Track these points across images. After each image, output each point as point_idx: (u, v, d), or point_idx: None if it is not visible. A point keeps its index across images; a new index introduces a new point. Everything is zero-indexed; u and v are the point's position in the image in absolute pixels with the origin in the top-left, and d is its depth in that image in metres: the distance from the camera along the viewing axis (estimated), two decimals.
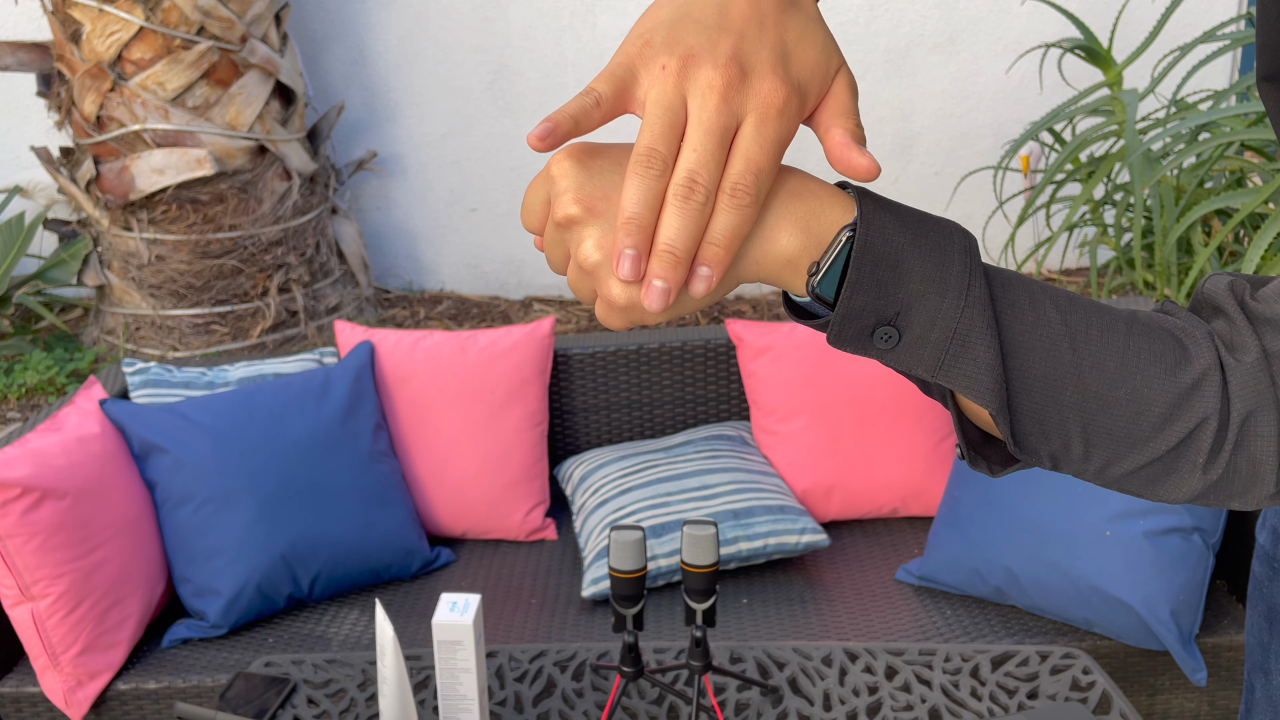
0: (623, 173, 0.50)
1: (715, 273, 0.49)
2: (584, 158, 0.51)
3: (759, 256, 0.51)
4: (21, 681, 1.79)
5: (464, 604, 1.27)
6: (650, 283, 0.49)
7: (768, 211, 0.51)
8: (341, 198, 4.25)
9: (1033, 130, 2.93)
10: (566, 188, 0.50)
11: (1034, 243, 4.13)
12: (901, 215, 0.50)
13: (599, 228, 0.50)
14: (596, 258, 0.50)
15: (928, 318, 0.50)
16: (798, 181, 0.52)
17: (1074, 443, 0.53)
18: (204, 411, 1.96)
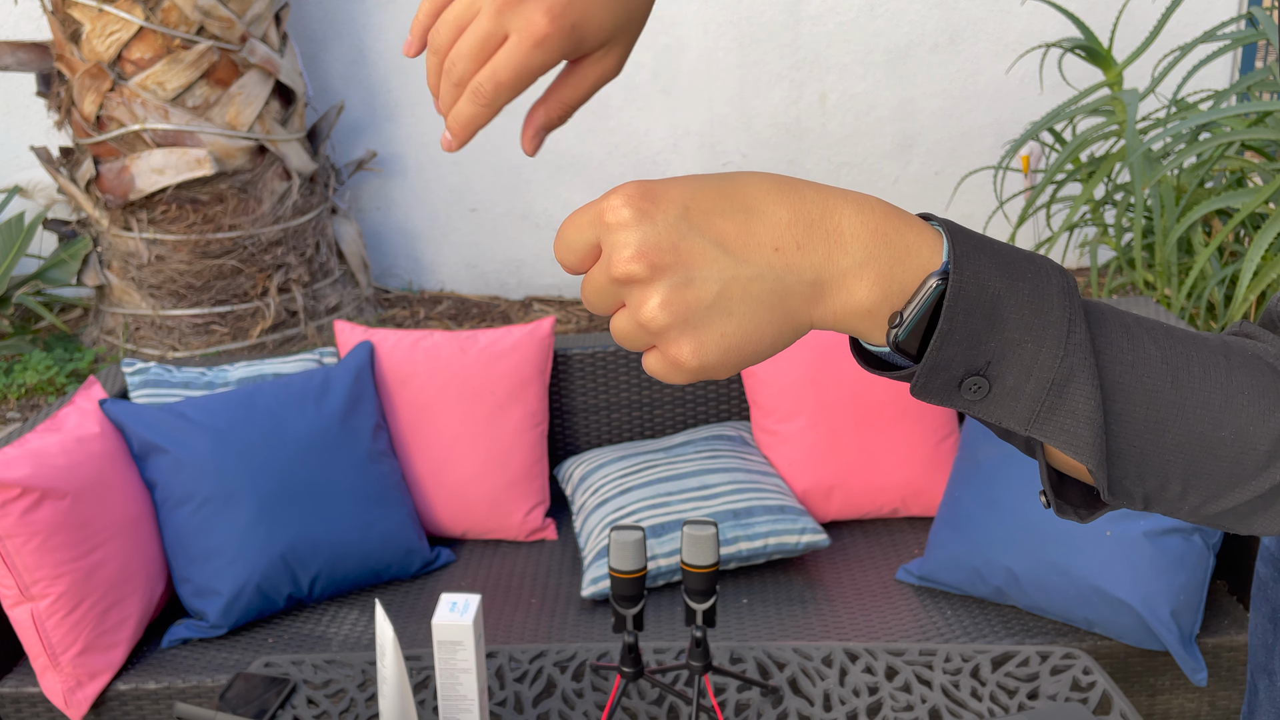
0: (691, 222, 0.46)
1: (455, 139, 0.56)
2: (645, 206, 0.46)
3: (835, 309, 0.47)
4: (21, 682, 1.79)
5: (464, 604, 1.27)
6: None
7: (847, 254, 0.47)
8: (341, 198, 4.25)
9: (1033, 130, 2.93)
10: (626, 241, 0.46)
11: (1034, 243, 4.13)
12: (996, 255, 0.46)
13: (667, 285, 0.46)
14: (664, 320, 0.46)
15: (1023, 368, 0.47)
16: (877, 219, 0.47)
17: (1172, 484, 0.50)
18: (204, 411, 1.96)
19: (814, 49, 4.07)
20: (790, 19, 4.04)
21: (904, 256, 0.47)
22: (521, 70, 0.51)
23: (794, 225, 0.47)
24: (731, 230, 0.46)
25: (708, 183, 0.48)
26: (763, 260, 0.46)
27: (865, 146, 4.18)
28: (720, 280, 0.46)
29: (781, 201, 0.47)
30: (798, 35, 4.06)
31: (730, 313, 0.46)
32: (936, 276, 0.46)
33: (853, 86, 4.11)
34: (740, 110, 4.15)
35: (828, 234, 0.47)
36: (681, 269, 0.46)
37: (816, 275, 0.47)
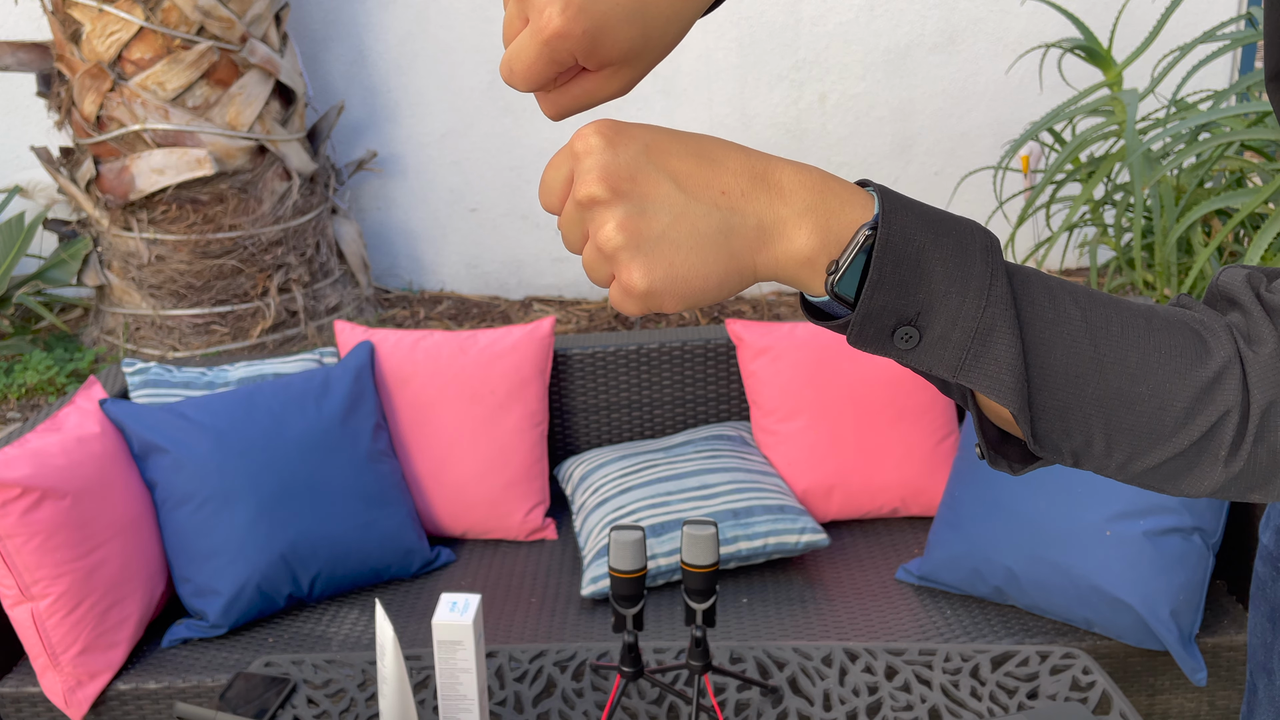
0: (650, 157, 0.50)
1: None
2: (611, 135, 0.51)
3: (778, 255, 0.51)
4: (21, 681, 1.79)
5: (464, 604, 1.27)
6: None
7: (787, 204, 0.51)
8: (341, 198, 4.26)
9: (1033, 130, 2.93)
10: (591, 166, 0.50)
11: (1034, 243, 4.13)
12: (923, 214, 0.50)
13: (623, 210, 0.50)
14: (618, 241, 0.50)
15: (949, 317, 0.50)
16: (815, 178, 0.51)
17: (1096, 439, 0.53)
18: (204, 411, 1.96)
19: (814, 49, 4.07)
20: (790, 19, 4.04)
21: (839, 210, 0.50)
22: (530, 65, 0.51)
23: (740, 174, 0.51)
24: (685, 169, 0.51)
25: (669, 132, 0.52)
26: (711, 199, 0.50)
27: (865, 147, 4.18)
28: (671, 212, 0.50)
29: (731, 154, 0.51)
30: (798, 35, 4.06)
31: (678, 244, 0.50)
32: (868, 227, 0.49)
33: (852, 87, 4.11)
34: (740, 110, 4.15)
35: (769, 186, 0.51)
36: (638, 197, 0.50)
37: (759, 220, 0.50)
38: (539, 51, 0.50)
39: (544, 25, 0.49)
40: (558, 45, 0.50)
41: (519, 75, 0.52)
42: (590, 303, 4.37)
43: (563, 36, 0.49)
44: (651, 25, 0.51)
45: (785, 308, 4.20)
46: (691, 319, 4.08)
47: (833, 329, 0.53)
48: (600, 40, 0.50)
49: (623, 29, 0.50)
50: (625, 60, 0.52)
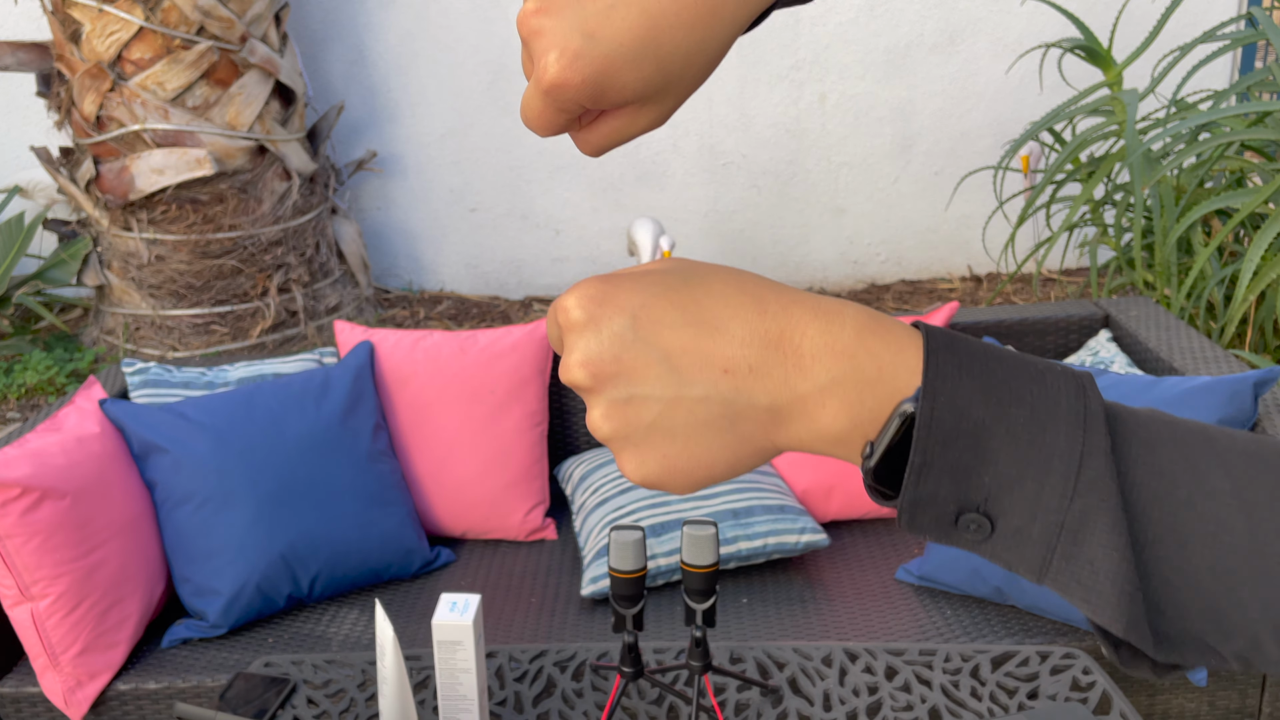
0: (639, 330, 0.44)
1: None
2: (594, 309, 0.44)
3: (799, 434, 0.43)
4: (21, 682, 1.79)
5: (464, 604, 1.27)
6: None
7: (806, 378, 0.42)
8: (341, 198, 4.25)
9: (1033, 130, 2.93)
10: (574, 346, 0.44)
11: (1034, 243, 4.13)
12: (986, 374, 0.40)
13: (607, 398, 0.44)
14: (605, 430, 0.44)
15: (1024, 509, 0.40)
16: (847, 337, 0.42)
17: (1265, 639, 0.40)
18: (204, 411, 1.96)
19: (814, 49, 4.07)
20: (790, 19, 4.04)
21: (875, 380, 0.42)
22: (539, 115, 0.46)
23: (749, 344, 0.43)
24: (680, 344, 0.43)
25: (666, 287, 0.45)
26: (710, 381, 0.43)
27: (865, 146, 4.18)
28: (662, 399, 0.43)
29: (739, 316, 0.43)
30: (798, 35, 4.06)
31: (673, 434, 0.43)
32: (910, 402, 0.41)
33: (852, 87, 4.11)
34: (740, 110, 4.15)
35: (785, 355, 0.42)
36: (623, 382, 0.44)
37: (772, 400, 0.43)
38: (543, 102, 0.46)
39: (541, 75, 0.44)
40: (558, 95, 0.45)
41: (533, 124, 0.47)
42: None
43: (561, 87, 0.44)
44: (669, 61, 0.45)
45: None
46: None
47: (885, 506, 0.44)
48: (606, 86, 0.45)
49: (630, 71, 0.44)
50: (645, 99, 0.46)
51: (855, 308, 0.44)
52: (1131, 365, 2.05)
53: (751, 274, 0.46)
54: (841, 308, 0.43)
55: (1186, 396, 1.74)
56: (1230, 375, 1.75)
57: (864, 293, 4.30)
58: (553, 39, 0.44)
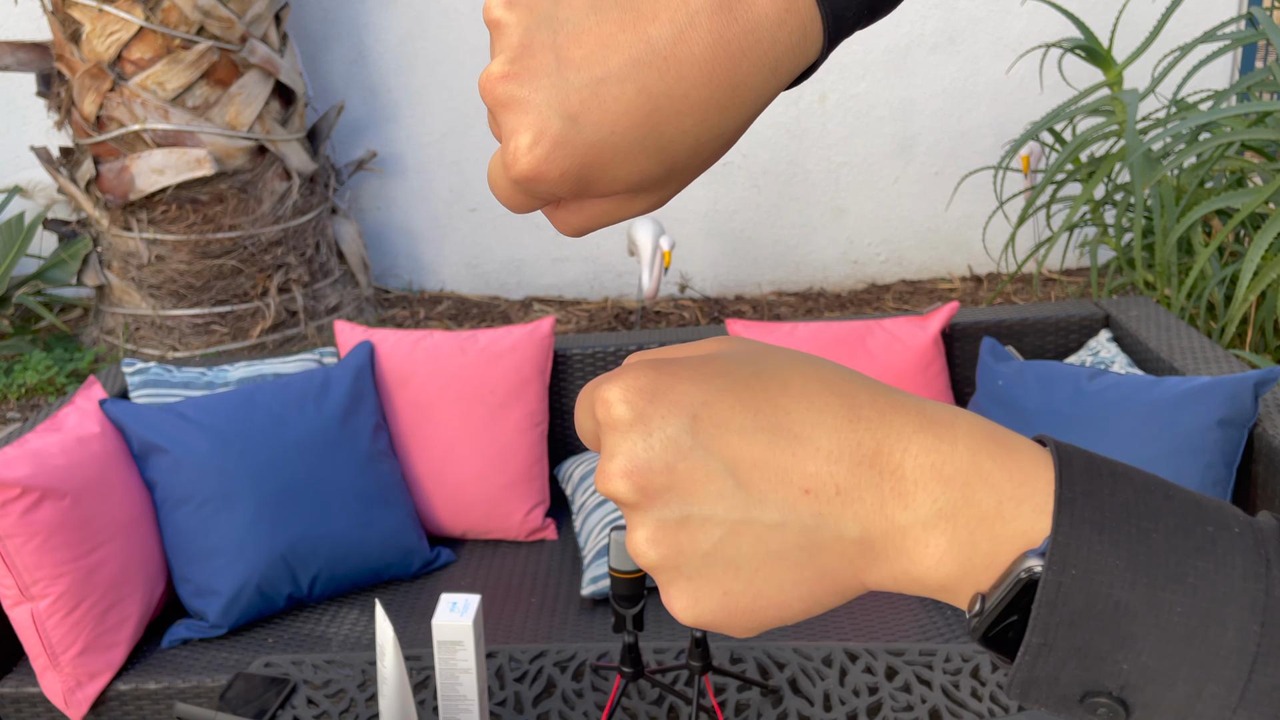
0: (699, 436, 0.35)
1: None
2: (644, 406, 0.36)
3: (895, 574, 0.35)
4: (21, 682, 1.79)
5: (464, 604, 1.27)
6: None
7: (907, 506, 0.34)
8: (341, 198, 4.25)
9: (1033, 130, 2.93)
10: (615, 451, 0.36)
11: (1034, 243, 4.13)
12: (1136, 540, 0.32)
13: (655, 517, 0.36)
14: (651, 557, 0.36)
15: (1173, 709, 0.32)
16: (960, 457, 0.34)
17: None
18: (204, 411, 1.95)
19: None
20: None
21: (992, 517, 0.34)
22: (508, 198, 0.38)
23: (837, 459, 0.35)
24: (750, 455, 0.35)
25: (733, 380, 0.36)
26: (787, 503, 0.35)
27: (865, 146, 4.18)
28: (726, 522, 0.35)
29: (825, 422, 0.35)
30: None
31: (737, 566, 0.35)
32: (1034, 557, 0.32)
33: (853, 86, 4.11)
34: None
35: (882, 475, 0.35)
36: (676, 499, 0.35)
37: (864, 531, 0.35)
38: (512, 188, 0.37)
39: (511, 163, 0.35)
40: (531, 188, 0.36)
41: (500, 200, 0.38)
42: (590, 303, 4.37)
43: (535, 180, 0.36)
44: (673, 150, 0.36)
45: (785, 308, 4.20)
46: (692, 319, 4.08)
47: (998, 662, 0.37)
48: (591, 179, 0.36)
49: (623, 164, 0.36)
50: (641, 189, 0.37)
51: (968, 419, 0.36)
52: (1132, 365, 2.05)
53: (837, 366, 0.38)
54: (953, 419, 0.35)
55: (1187, 397, 1.74)
56: (1231, 375, 1.75)
57: (864, 292, 4.30)
58: (525, 117, 0.35)
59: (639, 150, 0.36)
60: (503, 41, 0.36)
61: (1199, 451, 1.70)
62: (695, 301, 4.27)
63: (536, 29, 0.35)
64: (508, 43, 0.36)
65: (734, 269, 4.35)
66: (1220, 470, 1.71)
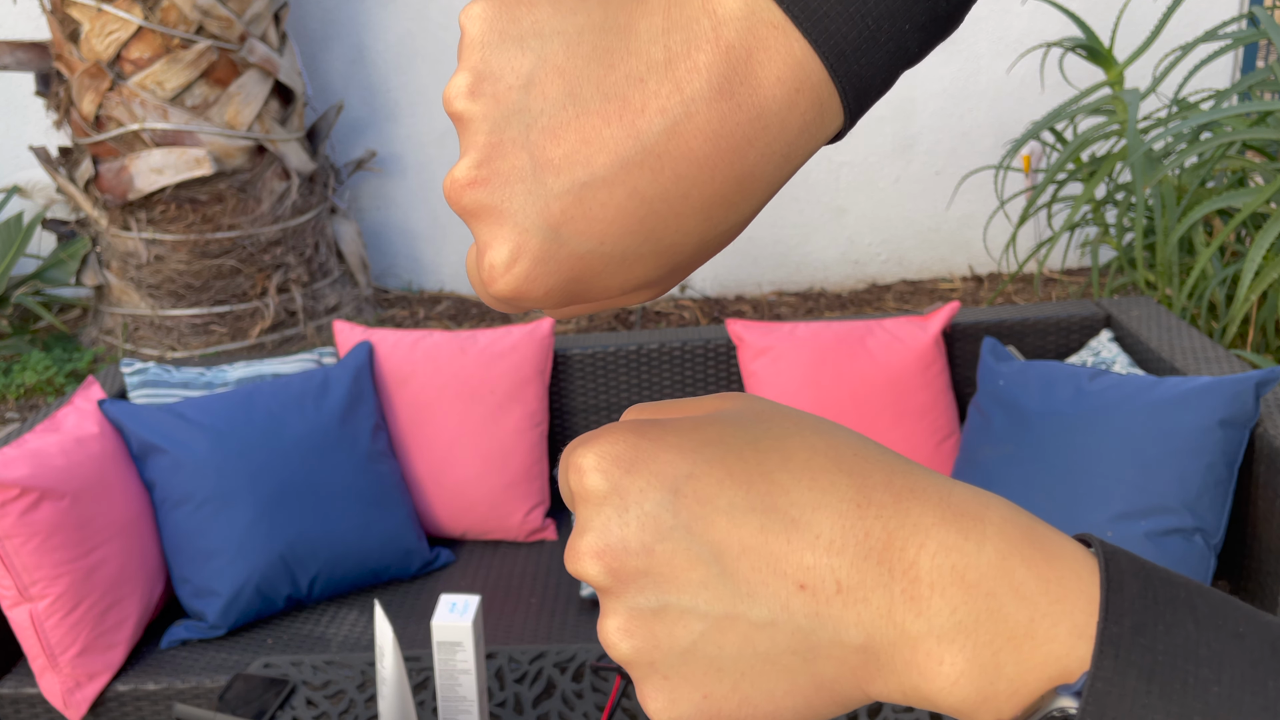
0: (681, 514, 0.31)
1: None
2: (620, 477, 0.32)
3: (905, 689, 0.30)
4: (20, 682, 1.78)
5: (463, 605, 1.26)
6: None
7: (920, 613, 0.29)
8: (341, 197, 4.25)
9: (1034, 130, 2.92)
10: (587, 526, 0.32)
11: (1035, 242, 4.12)
12: (1191, 691, 0.27)
13: (627, 605, 0.31)
14: (624, 652, 0.32)
15: None
16: (991, 562, 0.29)
17: None
18: (203, 412, 1.95)
19: None
20: None
21: (1022, 636, 0.29)
22: (489, 301, 0.33)
23: (839, 551, 0.30)
24: (739, 540, 0.31)
25: (725, 450, 0.32)
26: (779, 599, 0.30)
27: (865, 146, 4.17)
28: (708, 616, 0.31)
29: (828, 505, 0.30)
30: None
31: (720, 668, 0.31)
32: (1069, 696, 0.28)
33: None
34: None
35: (893, 574, 0.30)
36: (652, 586, 0.31)
37: (868, 638, 0.30)
38: (493, 301, 0.33)
39: (488, 280, 0.31)
40: (514, 306, 0.32)
41: (483, 300, 0.34)
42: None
43: (515, 299, 0.32)
44: (675, 253, 0.32)
45: (786, 308, 4.20)
46: (692, 319, 4.07)
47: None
48: (581, 291, 0.32)
49: (616, 273, 0.32)
50: (640, 289, 0.33)
51: (1001, 511, 0.30)
52: (1133, 365, 2.04)
53: (853, 437, 0.33)
54: (983, 511, 0.30)
55: (1188, 397, 1.73)
56: (1232, 375, 1.75)
57: (865, 292, 4.29)
58: (500, 230, 0.31)
59: (633, 258, 0.31)
60: (469, 139, 0.31)
61: (1200, 452, 1.70)
62: (695, 301, 4.27)
63: (506, 124, 0.30)
64: (474, 141, 0.31)
65: (734, 269, 4.34)
66: (1221, 471, 1.70)
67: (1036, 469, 1.81)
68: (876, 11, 0.29)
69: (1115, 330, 2.18)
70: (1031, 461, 1.82)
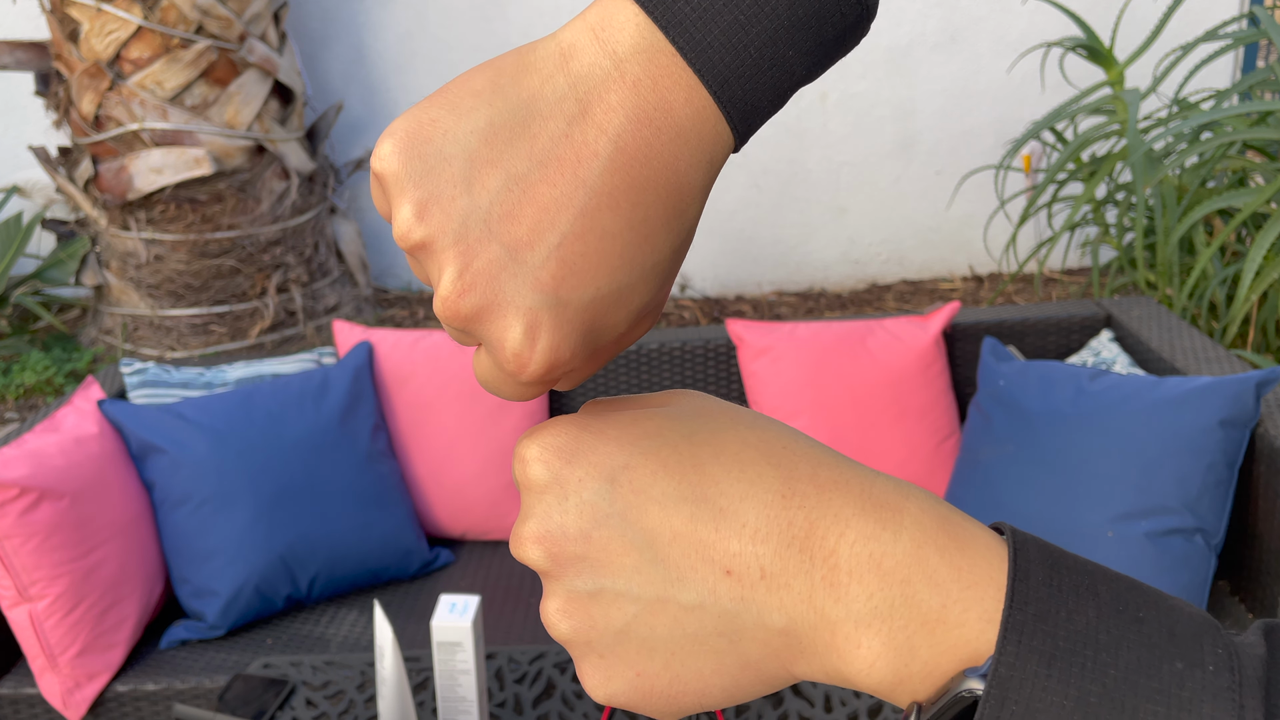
0: (617, 502, 0.33)
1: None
2: (560, 466, 0.34)
3: (827, 670, 0.32)
4: (19, 683, 1.78)
5: (463, 605, 1.26)
6: None
7: (839, 600, 0.31)
8: (340, 197, 4.25)
9: (1034, 129, 2.92)
10: (529, 513, 0.35)
11: (1036, 242, 4.12)
12: (1091, 674, 0.28)
13: (565, 587, 0.34)
14: (562, 629, 0.34)
15: None
16: (906, 552, 0.31)
17: None
18: (202, 412, 1.95)
19: None
20: None
21: (935, 621, 0.31)
22: (518, 398, 0.36)
23: (764, 539, 0.32)
24: (671, 528, 0.33)
25: (660, 443, 0.34)
26: (706, 584, 0.32)
27: (865, 146, 4.17)
28: (640, 599, 0.33)
29: (754, 495, 0.33)
30: None
31: (651, 648, 0.33)
32: (976, 677, 0.29)
33: (853, 86, 4.10)
34: None
35: (813, 561, 0.32)
36: (589, 570, 0.33)
37: (789, 622, 0.32)
38: (523, 390, 0.35)
39: (518, 369, 0.33)
40: (546, 378, 0.34)
41: (510, 399, 0.36)
42: None
43: (551, 370, 0.34)
44: (657, 269, 0.35)
45: (786, 308, 4.20)
46: (692, 319, 4.07)
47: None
48: (597, 337, 0.34)
49: (620, 308, 0.34)
50: (643, 318, 0.36)
51: (920, 502, 0.33)
52: (1133, 365, 2.04)
53: (785, 431, 0.35)
54: (902, 502, 0.32)
55: (1188, 397, 1.73)
56: (1232, 375, 1.75)
57: (865, 292, 4.29)
58: (507, 319, 0.33)
59: (629, 288, 0.34)
60: (437, 259, 0.33)
61: (1201, 452, 1.70)
62: (695, 301, 4.27)
63: (465, 229, 0.32)
64: (444, 258, 0.33)
65: (734, 268, 4.34)
66: (1222, 471, 1.70)
67: (1037, 469, 1.80)
68: (759, 41, 0.32)
69: (1116, 330, 2.18)
70: (1032, 461, 1.82)
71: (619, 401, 0.38)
